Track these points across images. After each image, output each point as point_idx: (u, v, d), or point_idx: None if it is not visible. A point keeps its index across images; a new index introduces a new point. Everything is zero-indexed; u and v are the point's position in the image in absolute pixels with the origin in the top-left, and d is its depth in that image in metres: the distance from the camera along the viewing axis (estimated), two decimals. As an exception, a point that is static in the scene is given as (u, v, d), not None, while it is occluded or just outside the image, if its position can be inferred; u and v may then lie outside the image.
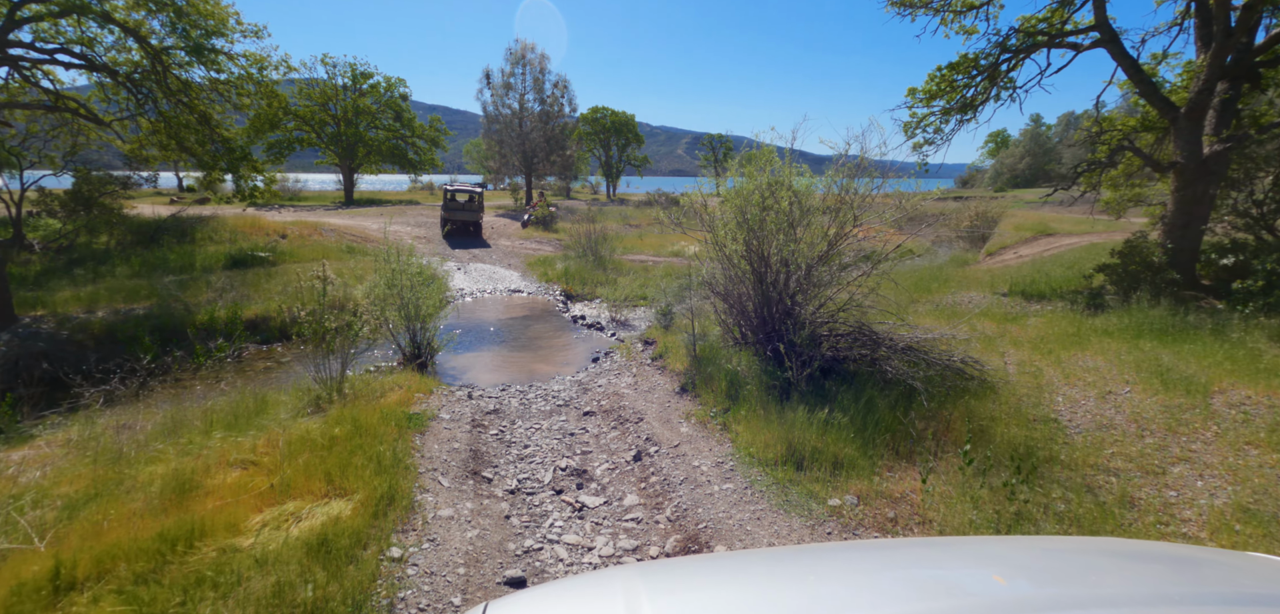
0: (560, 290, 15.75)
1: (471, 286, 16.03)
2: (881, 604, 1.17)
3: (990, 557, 1.51)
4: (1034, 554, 1.56)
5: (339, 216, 26.14)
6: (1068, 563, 1.46)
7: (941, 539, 2.47)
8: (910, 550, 1.68)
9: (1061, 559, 1.49)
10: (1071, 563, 1.45)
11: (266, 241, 17.33)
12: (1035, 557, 1.53)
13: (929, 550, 1.67)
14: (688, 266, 19.93)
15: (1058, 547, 1.70)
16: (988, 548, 1.63)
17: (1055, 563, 1.46)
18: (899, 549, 1.73)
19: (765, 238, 7.03)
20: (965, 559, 1.55)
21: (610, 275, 17.28)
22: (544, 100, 33.38)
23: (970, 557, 1.57)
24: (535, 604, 1.30)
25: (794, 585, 1.28)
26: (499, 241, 23.89)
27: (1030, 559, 1.49)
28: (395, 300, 9.53)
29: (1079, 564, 1.43)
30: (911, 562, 1.51)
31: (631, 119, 62.70)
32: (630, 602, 1.17)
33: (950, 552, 1.65)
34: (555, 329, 12.38)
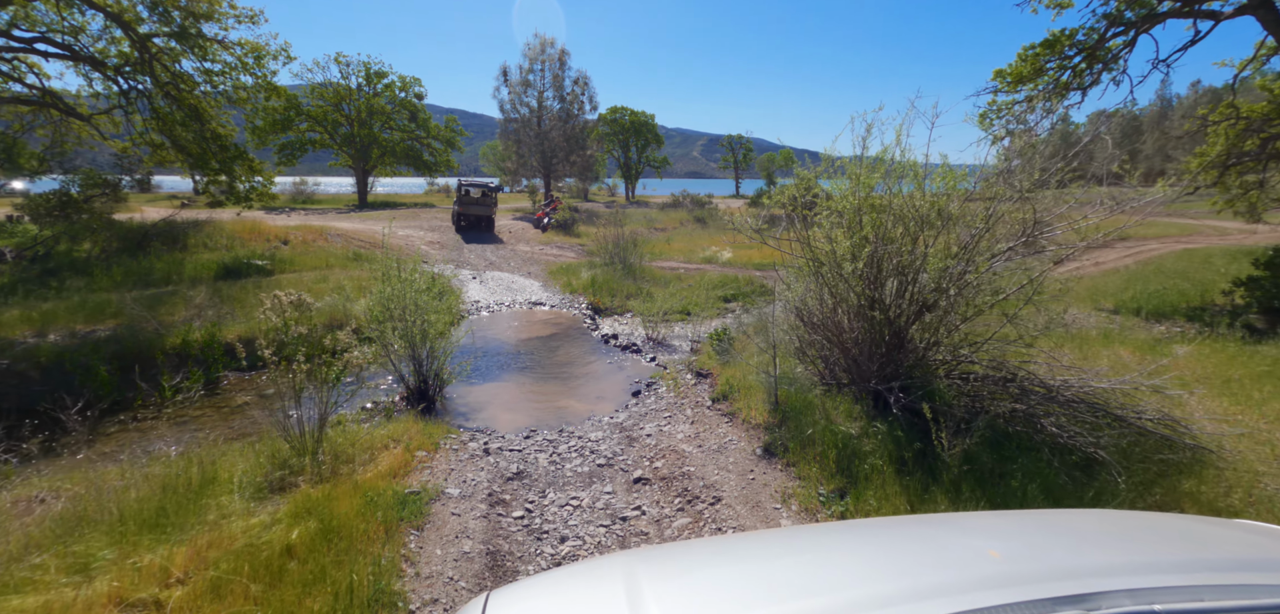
0: (587, 303, 14.05)
1: (489, 299, 14.41)
2: (877, 579, 1.19)
3: (986, 531, 1.51)
4: (1029, 528, 1.55)
5: (349, 220, 24.76)
6: (1062, 536, 1.48)
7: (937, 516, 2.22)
8: (907, 528, 1.66)
9: (1055, 532, 1.51)
10: (1065, 535, 1.49)
11: (266, 249, 15.88)
12: (1030, 530, 1.52)
13: (925, 527, 1.67)
14: (724, 276, 18.12)
15: (1053, 520, 1.69)
16: (984, 523, 1.66)
17: (1049, 536, 1.47)
18: (896, 527, 1.70)
19: (889, 252, 5.25)
20: (960, 535, 1.52)
21: (641, 285, 15.56)
22: (563, 98, 31.80)
23: (966, 532, 1.54)
24: (536, 590, 1.30)
25: (793, 564, 1.31)
26: (517, 247, 22.30)
27: (1025, 533, 1.49)
28: (396, 323, 7.91)
29: (1073, 536, 1.48)
30: (907, 538, 1.50)
31: (651, 119, 61.07)
32: (631, 586, 1.18)
33: (946, 528, 1.63)
34: (584, 351, 10.68)
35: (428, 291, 7.99)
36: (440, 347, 8.16)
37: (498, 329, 11.99)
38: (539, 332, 11.84)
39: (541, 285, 15.99)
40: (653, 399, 8.13)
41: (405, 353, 8.07)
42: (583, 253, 21.30)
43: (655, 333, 11.69)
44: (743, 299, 15.75)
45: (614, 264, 16.84)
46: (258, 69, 14.25)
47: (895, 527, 1.74)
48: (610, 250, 17.29)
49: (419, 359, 8.06)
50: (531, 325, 12.32)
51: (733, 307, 15.13)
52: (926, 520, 1.90)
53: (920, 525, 1.75)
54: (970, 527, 1.62)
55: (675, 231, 27.63)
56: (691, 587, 1.25)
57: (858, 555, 1.35)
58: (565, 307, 13.94)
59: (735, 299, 15.80)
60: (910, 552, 1.37)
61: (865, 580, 1.20)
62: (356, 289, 12.54)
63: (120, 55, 14.67)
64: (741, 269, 19.43)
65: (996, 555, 1.25)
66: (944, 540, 1.49)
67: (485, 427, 7.20)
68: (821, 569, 1.27)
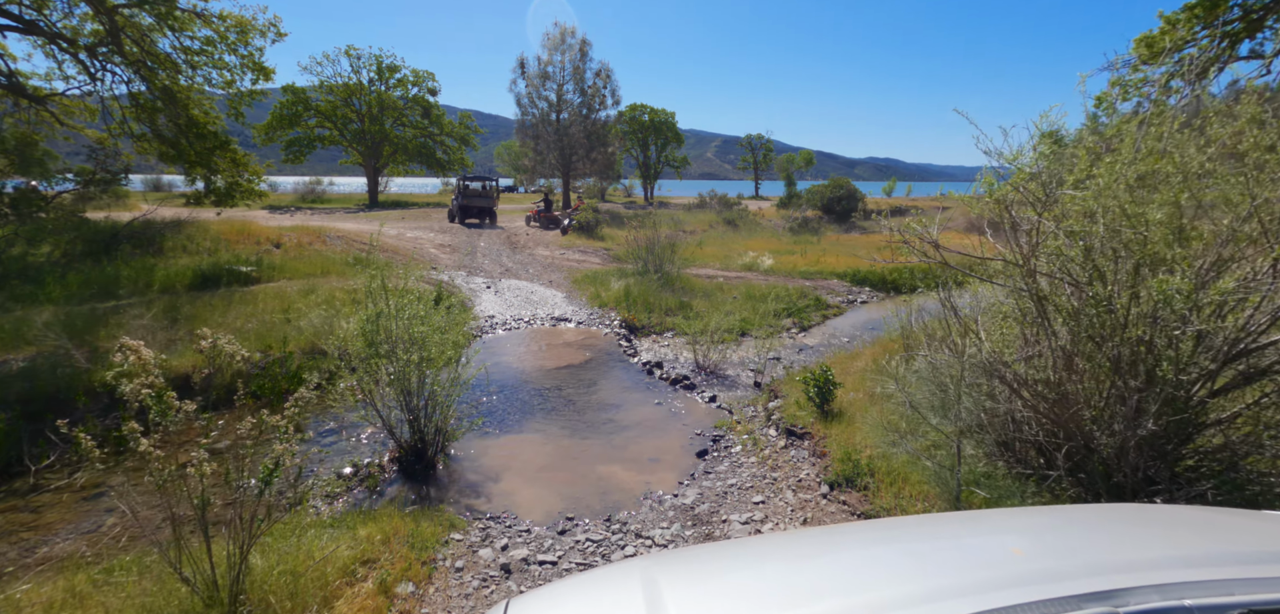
0: (619, 320, 11.96)
1: (505, 312, 12.38)
2: (900, 579, 1.16)
3: (1008, 529, 1.48)
4: (1051, 524, 1.52)
5: (354, 221, 22.94)
6: (1087, 531, 1.45)
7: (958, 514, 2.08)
8: (929, 527, 1.62)
9: (1081, 528, 1.48)
10: (1090, 531, 1.45)
11: (254, 253, 14.00)
12: (1054, 526, 1.49)
13: (947, 526, 1.62)
14: (771, 286, 15.94)
15: (1078, 516, 1.66)
16: (1006, 520, 1.62)
17: (1074, 532, 1.44)
18: (917, 526, 1.66)
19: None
20: (983, 533, 1.49)
21: (680, 296, 13.45)
22: (584, 91, 29.78)
23: (988, 530, 1.51)
24: (556, 596, 1.29)
25: (812, 566, 1.29)
26: (536, 251, 20.29)
27: (1048, 530, 1.46)
28: (386, 360, 5.91)
29: (1096, 532, 1.44)
30: (930, 538, 1.46)
31: (672, 118, 58.98)
32: (650, 592, 1.18)
33: (968, 526, 1.59)
34: (624, 386, 8.58)
35: (425, 320, 5.94)
36: (444, 388, 6.11)
37: (516, 353, 9.93)
38: (566, 357, 9.76)
39: (566, 297, 13.93)
40: (727, 464, 6.03)
41: (398, 398, 6.06)
42: (609, 258, 19.23)
43: (706, 358, 9.58)
44: (798, 315, 13.60)
45: (648, 272, 14.74)
46: (242, 45, 12.41)
47: (917, 526, 1.66)
48: (643, 256, 15.20)
49: (416, 409, 6.03)
50: (557, 349, 10.25)
51: (789, 325, 12.99)
52: (948, 519, 1.76)
53: (942, 524, 1.65)
54: (992, 525, 1.58)
55: (705, 235, 25.48)
56: (712, 592, 1.23)
57: (880, 556, 1.33)
58: (595, 324, 11.86)
59: (790, 315, 13.65)
60: (933, 551, 1.33)
61: (888, 581, 1.17)
62: (350, 303, 10.57)
63: (95, 34, 12.90)
64: (788, 278, 17.26)
65: (1020, 553, 1.22)
66: (966, 540, 1.43)
67: (503, 513, 5.14)
68: (843, 571, 1.26)
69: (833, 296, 15.72)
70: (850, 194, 37.31)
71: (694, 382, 8.74)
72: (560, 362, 9.51)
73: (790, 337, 12.33)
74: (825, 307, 14.69)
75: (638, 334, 11.48)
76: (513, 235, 23.16)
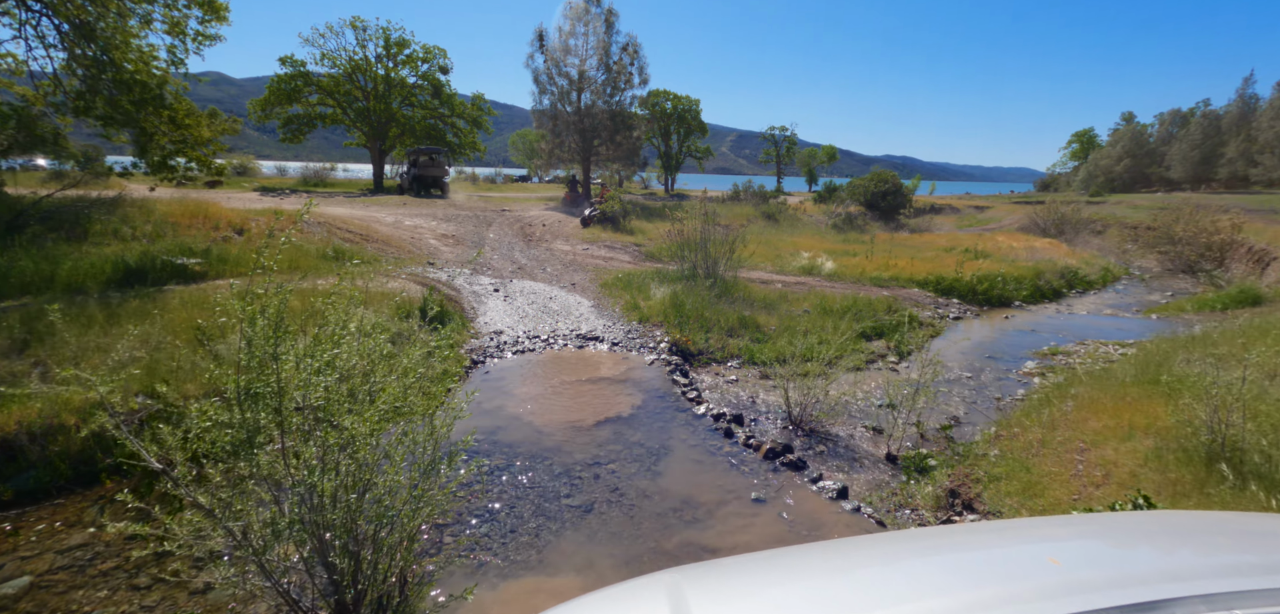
0: (667, 342, 9.03)
1: (516, 326, 9.51)
2: (934, 593, 1.13)
3: (1043, 538, 1.46)
4: (1090, 532, 1.48)
5: (348, 206, 20.20)
6: (1125, 541, 1.42)
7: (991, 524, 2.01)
8: (960, 537, 1.57)
9: (1119, 537, 1.44)
10: (1129, 540, 1.43)
11: (208, 240, 11.25)
12: (1092, 535, 1.45)
13: (979, 536, 1.58)
14: (841, 295, 12.94)
15: (1115, 524, 1.62)
16: (1040, 529, 1.61)
17: (1111, 542, 1.40)
18: (948, 536, 1.60)
19: None
20: (1017, 543, 1.46)
21: (739, 308, 10.49)
22: (610, 67, 26.74)
23: (1022, 540, 1.48)
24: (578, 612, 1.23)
25: (843, 579, 1.27)
26: (554, 246, 17.39)
27: (1087, 538, 1.42)
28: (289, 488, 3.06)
29: (1137, 541, 1.42)
30: (961, 548, 1.42)
31: (696, 106, 55.77)
32: (676, 605, 1.15)
33: (1001, 536, 1.56)
34: (696, 460, 5.65)
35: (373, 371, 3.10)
36: (400, 512, 3.26)
37: (530, 396, 7.04)
38: (603, 403, 6.85)
39: (593, 306, 11.01)
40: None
41: (309, 533, 3.22)
42: (640, 256, 16.30)
43: (804, 406, 6.64)
44: (891, 336, 10.60)
45: (696, 277, 11.79)
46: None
47: (949, 536, 1.59)
48: (689, 256, 12.24)
49: (347, 553, 3.19)
50: (588, 388, 7.34)
51: (881, 349, 10.01)
52: (981, 529, 1.69)
53: (974, 534, 1.59)
54: (1027, 535, 1.54)
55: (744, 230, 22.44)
56: (743, 610, 1.18)
57: (917, 568, 1.30)
58: (635, 346, 8.95)
59: (880, 335, 10.66)
60: (964, 563, 1.29)
61: (926, 593, 1.13)
62: (308, 313, 7.77)
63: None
64: (857, 285, 14.24)
65: (1056, 563, 1.18)
66: (1002, 549, 1.41)
67: None
68: (881, 584, 1.23)
69: (919, 310, 12.69)
70: (896, 189, 34.04)
71: (798, 452, 5.79)
72: (594, 411, 6.60)
73: (890, 367, 9.36)
74: (918, 323, 11.67)
75: (694, 363, 8.55)
76: (526, 226, 20.31)
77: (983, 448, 5.76)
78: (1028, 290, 15.55)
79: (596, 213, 20.17)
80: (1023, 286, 15.60)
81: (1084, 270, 19.14)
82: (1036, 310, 14.52)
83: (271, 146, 66.08)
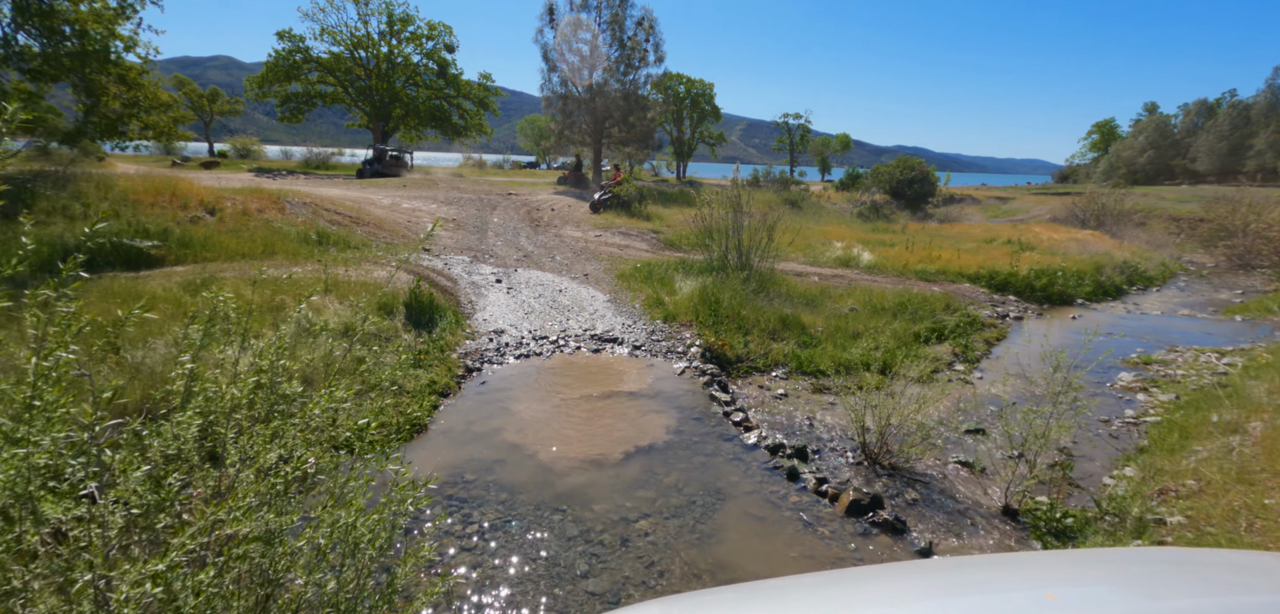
0: (699, 345, 7.60)
1: (520, 325, 8.11)
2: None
3: (1039, 574, 1.42)
4: (1088, 568, 1.48)
5: (341, 187, 18.86)
6: (1122, 577, 1.42)
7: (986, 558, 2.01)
8: (955, 572, 1.54)
9: (1120, 573, 1.45)
10: (1126, 576, 1.42)
11: (173, 220, 9.92)
12: (1089, 570, 1.45)
13: (974, 571, 1.54)
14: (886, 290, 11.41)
15: (1110, 560, 1.60)
16: (1036, 564, 1.57)
17: (1108, 577, 1.40)
18: (943, 571, 1.57)
19: None
20: (1012, 578, 1.43)
21: (779, 306, 9.03)
22: (624, 43, 25.11)
23: (1018, 575, 1.46)
24: None
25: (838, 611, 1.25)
26: (564, 231, 15.97)
27: (1084, 574, 1.42)
28: None
29: (1135, 577, 1.41)
30: (957, 586, 1.40)
31: (710, 89, 53.95)
32: None
33: (996, 572, 1.52)
34: (750, 518, 4.22)
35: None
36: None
37: (535, 416, 5.63)
38: (626, 430, 5.44)
39: (609, 301, 9.59)
40: None
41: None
42: (659, 243, 14.85)
43: (874, 432, 5.20)
44: (953, 339, 9.14)
45: (726, 268, 10.33)
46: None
47: (944, 571, 1.56)
48: (718, 245, 10.78)
49: None
50: (607, 407, 5.93)
51: (945, 355, 8.54)
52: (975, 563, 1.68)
53: (969, 569, 1.56)
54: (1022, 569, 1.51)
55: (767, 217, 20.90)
56: None
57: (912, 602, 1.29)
58: (660, 350, 7.53)
59: (940, 338, 9.19)
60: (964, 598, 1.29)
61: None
62: (270, 309, 6.39)
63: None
64: (901, 279, 12.76)
65: (1054, 599, 1.17)
66: (994, 586, 1.38)
67: None
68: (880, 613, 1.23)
69: (976, 308, 11.19)
70: (922, 176, 32.36)
71: (888, 505, 4.35)
72: (618, 439, 5.19)
73: (960, 378, 7.90)
74: (977, 324, 10.17)
75: (732, 372, 7.12)
76: (534, 210, 18.88)
77: (1135, 501, 4.30)
78: (1089, 287, 13.98)
79: (607, 196, 18.69)
80: (1083, 283, 14.03)
81: (1141, 265, 17.51)
82: (1102, 309, 12.97)
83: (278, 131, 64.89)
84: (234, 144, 40.10)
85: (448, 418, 5.49)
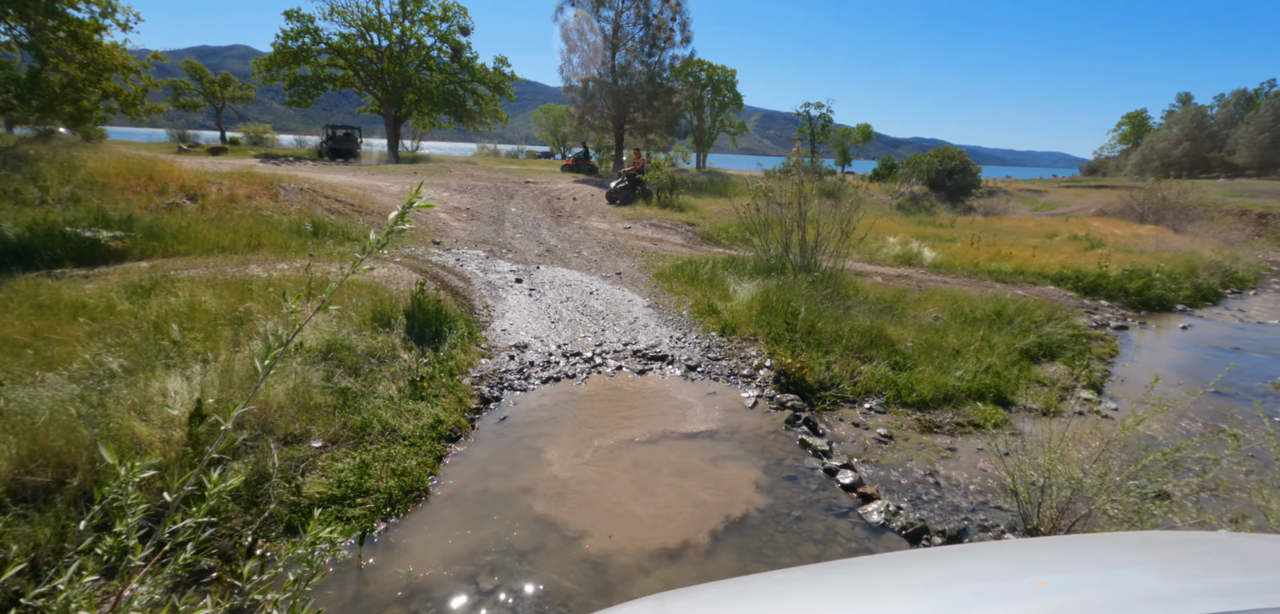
0: (769, 366, 6.09)
1: (546, 336, 6.67)
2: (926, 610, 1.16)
3: (1030, 561, 1.44)
4: (1078, 554, 1.48)
5: (346, 174, 17.54)
6: (1113, 560, 1.41)
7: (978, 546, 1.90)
8: (948, 562, 1.54)
9: (1109, 559, 1.44)
10: (1116, 561, 1.42)
11: (147, 207, 8.61)
12: (1079, 556, 1.45)
13: (966, 560, 1.55)
14: (995, 301, 9.62)
15: (1099, 546, 1.61)
16: (1027, 550, 1.60)
17: (1098, 562, 1.40)
18: (936, 560, 1.56)
19: None
20: (1004, 565, 1.45)
21: (857, 316, 7.48)
22: (649, 21, 23.48)
23: (1009, 561, 1.48)
24: None
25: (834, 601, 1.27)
26: (589, 222, 14.50)
27: (1074, 560, 1.42)
28: None
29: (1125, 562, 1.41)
30: (949, 575, 1.41)
31: (732, 76, 52.11)
32: None
33: (988, 560, 1.53)
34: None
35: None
36: None
37: (570, 472, 4.17)
38: (698, 496, 3.96)
39: (650, 306, 8.11)
40: None
41: None
42: (695, 237, 13.35)
43: (1032, 498, 3.69)
44: (1060, 354, 7.58)
45: (784, 268, 8.82)
46: None
47: (937, 560, 1.55)
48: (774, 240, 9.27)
49: None
50: (667, 456, 4.45)
51: (1060, 376, 6.97)
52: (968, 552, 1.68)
53: (962, 558, 1.56)
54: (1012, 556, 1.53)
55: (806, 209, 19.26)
56: None
57: (906, 590, 1.29)
58: (721, 370, 6.06)
59: (1048, 355, 7.63)
60: (957, 587, 1.29)
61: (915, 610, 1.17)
62: (232, 320, 5.01)
63: None
64: (973, 279, 11.19)
65: (1043, 584, 1.18)
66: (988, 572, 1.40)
67: None
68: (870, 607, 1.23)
69: (1073, 316, 9.57)
70: (963, 167, 30.44)
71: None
72: (688, 510, 3.71)
73: (1091, 408, 6.35)
74: (1084, 337, 8.56)
75: (815, 402, 5.62)
76: (555, 199, 17.44)
77: None
78: (1187, 290, 12.26)
79: (624, 183, 17.00)
80: (1180, 286, 12.31)
81: (1230, 265, 15.67)
82: (1208, 316, 11.26)
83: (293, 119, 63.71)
84: (247, 131, 39.16)
85: (457, 472, 4.07)
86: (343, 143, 29.34)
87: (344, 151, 28.99)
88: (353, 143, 29.95)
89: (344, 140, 29.43)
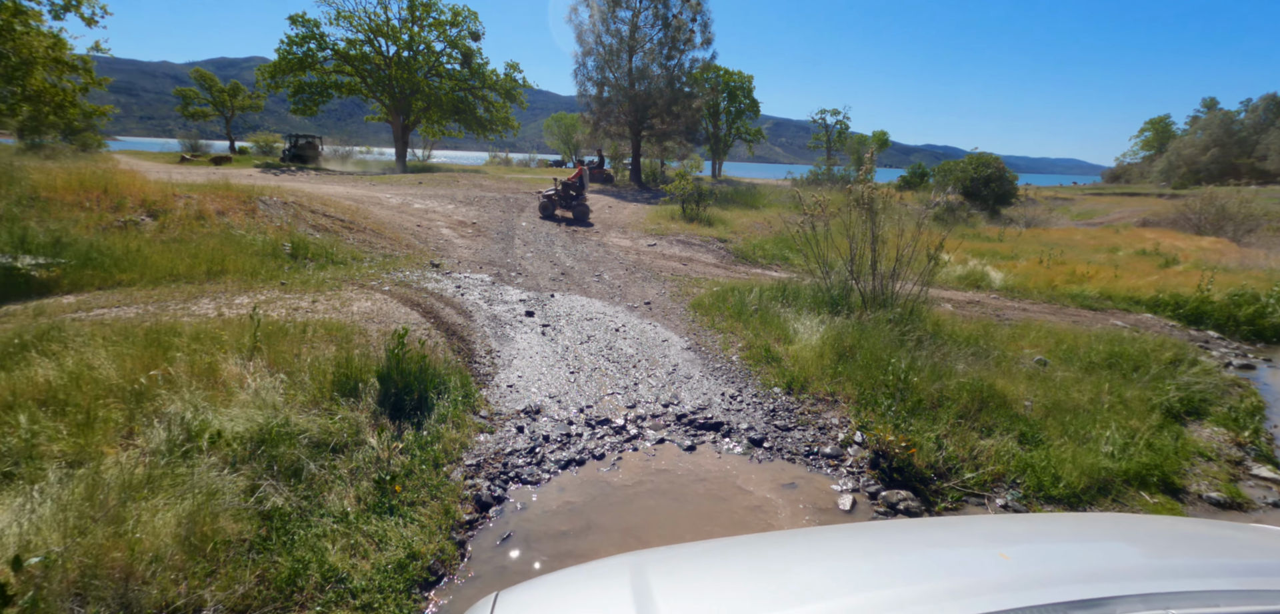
0: (859, 440, 4.58)
1: (563, 393, 5.22)
2: (890, 582, 1.16)
3: (996, 535, 1.45)
4: (1041, 530, 1.51)
5: (347, 185, 16.29)
6: (1072, 539, 1.42)
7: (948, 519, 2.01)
8: (919, 532, 1.58)
9: (1066, 536, 1.46)
10: (1076, 539, 1.43)
11: (94, 225, 7.31)
12: (1040, 534, 1.48)
13: (936, 531, 1.60)
14: (1111, 337, 8.06)
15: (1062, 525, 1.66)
16: (994, 526, 1.60)
17: (1060, 540, 1.42)
18: (908, 531, 1.59)
19: None
20: (971, 538, 1.48)
21: (954, 365, 5.94)
22: (668, 22, 22.11)
23: (976, 535, 1.50)
24: (544, 590, 1.26)
25: (805, 566, 1.27)
26: (607, 239, 13.08)
27: (1035, 537, 1.44)
28: None
29: (1084, 540, 1.41)
30: (919, 543, 1.42)
31: (749, 82, 50.72)
32: (639, 587, 1.14)
33: (957, 532, 1.59)
34: None
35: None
36: None
37: None
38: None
39: (688, 346, 6.62)
40: None
41: None
42: (729, 255, 11.87)
43: None
44: (1218, 417, 6.00)
45: (849, 299, 7.32)
46: None
47: (906, 530, 1.57)
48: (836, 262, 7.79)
49: None
50: None
51: (1220, 444, 5.41)
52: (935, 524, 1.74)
53: (932, 529, 1.61)
54: (979, 530, 1.56)
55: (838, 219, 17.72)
56: (702, 589, 1.19)
57: (870, 558, 1.30)
58: (796, 448, 4.56)
59: (1192, 412, 6.07)
60: (921, 555, 1.29)
61: (879, 584, 1.16)
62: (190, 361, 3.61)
63: None
64: (1054, 306, 9.62)
65: (1007, 558, 1.20)
66: (954, 543, 1.41)
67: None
68: (835, 572, 1.24)
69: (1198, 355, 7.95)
70: (1000, 175, 28.72)
71: None
72: None
73: (1264, 485, 4.80)
74: (1223, 385, 6.94)
75: (929, 497, 4.11)
76: (569, 212, 16.02)
77: None
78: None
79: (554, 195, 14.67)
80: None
81: None
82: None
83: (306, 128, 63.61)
84: (256, 140, 38.40)
85: None
86: (304, 149, 30.84)
87: (303, 157, 30.39)
88: (313, 150, 31.46)
89: (305, 147, 30.92)
